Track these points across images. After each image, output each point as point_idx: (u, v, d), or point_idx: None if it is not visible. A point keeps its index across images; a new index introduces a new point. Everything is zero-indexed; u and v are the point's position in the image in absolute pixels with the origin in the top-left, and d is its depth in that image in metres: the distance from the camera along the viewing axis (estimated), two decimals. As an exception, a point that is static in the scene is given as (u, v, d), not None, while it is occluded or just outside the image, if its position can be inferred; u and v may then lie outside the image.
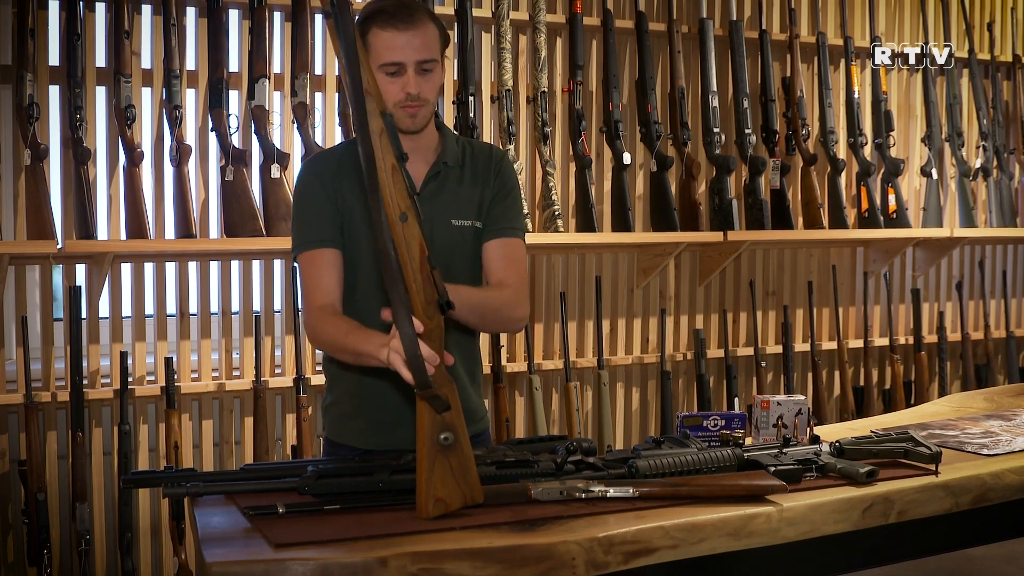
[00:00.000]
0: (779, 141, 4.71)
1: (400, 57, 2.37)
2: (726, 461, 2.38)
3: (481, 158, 2.58)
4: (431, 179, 2.51)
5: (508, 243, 2.55)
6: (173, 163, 3.65)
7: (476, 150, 2.61)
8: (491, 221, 2.55)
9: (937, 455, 2.47)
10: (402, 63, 2.37)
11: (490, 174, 2.57)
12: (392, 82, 2.38)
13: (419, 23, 2.38)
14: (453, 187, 2.53)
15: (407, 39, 2.36)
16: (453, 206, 2.52)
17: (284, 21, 3.89)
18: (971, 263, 5.57)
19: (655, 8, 4.59)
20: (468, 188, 2.54)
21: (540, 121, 4.19)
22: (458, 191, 2.53)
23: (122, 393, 3.57)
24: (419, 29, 2.38)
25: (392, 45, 2.36)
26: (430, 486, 2.08)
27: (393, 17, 2.36)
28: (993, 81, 5.35)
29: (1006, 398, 3.50)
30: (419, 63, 2.38)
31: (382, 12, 2.38)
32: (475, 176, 2.56)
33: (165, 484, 2.16)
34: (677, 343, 4.76)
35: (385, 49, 2.37)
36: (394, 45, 2.36)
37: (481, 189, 2.55)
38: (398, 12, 2.37)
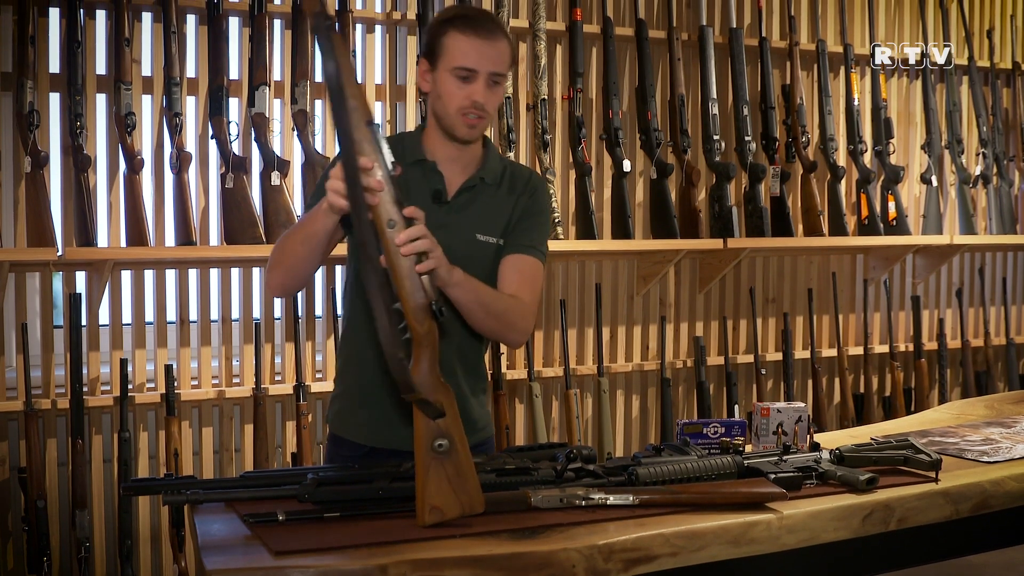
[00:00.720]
0: (779, 148, 4.71)
1: (475, 64, 2.38)
2: (726, 468, 2.37)
3: (519, 180, 2.58)
4: (465, 190, 2.51)
5: (525, 260, 2.53)
6: (173, 170, 3.65)
7: (516, 172, 2.60)
8: (513, 237, 2.54)
9: (937, 462, 2.46)
10: (475, 70, 2.38)
11: (524, 195, 2.56)
12: (460, 87, 2.39)
13: (498, 36, 2.41)
14: (485, 202, 2.52)
15: (485, 48, 2.39)
16: (480, 221, 2.51)
17: (284, 29, 3.89)
18: (971, 270, 5.57)
19: (655, 15, 4.60)
20: (500, 206, 2.53)
21: (540, 128, 4.19)
22: (489, 207, 2.52)
23: (122, 400, 3.57)
24: (497, 42, 2.40)
25: (469, 50, 2.38)
26: (425, 494, 2.07)
27: (475, 23, 2.39)
28: (993, 88, 5.35)
29: (1006, 405, 3.50)
30: (491, 74, 2.40)
31: (464, 17, 2.41)
32: (509, 196, 2.55)
33: (165, 491, 2.15)
34: (677, 350, 4.76)
35: (461, 53, 2.38)
36: (471, 51, 2.38)
37: (512, 207, 2.55)
38: (480, 19, 2.41)
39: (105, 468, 3.70)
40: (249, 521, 2.06)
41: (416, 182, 2.47)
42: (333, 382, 2.71)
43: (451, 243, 2.38)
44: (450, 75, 2.39)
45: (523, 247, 2.53)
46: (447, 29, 2.40)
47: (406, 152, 2.49)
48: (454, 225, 2.47)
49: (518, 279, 2.51)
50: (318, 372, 4.04)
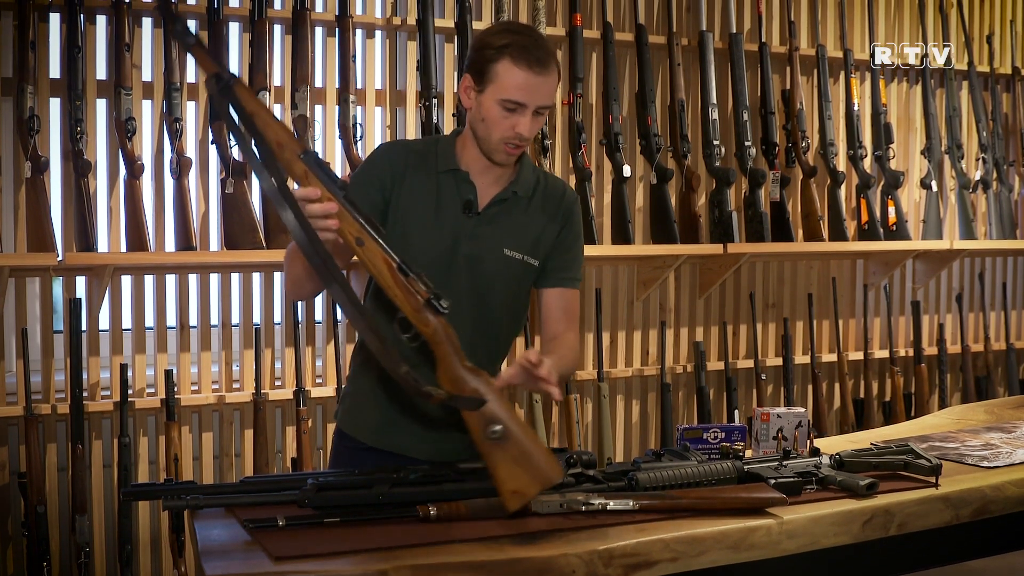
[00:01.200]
0: (779, 153, 4.71)
1: (526, 99, 2.33)
2: (726, 474, 2.37)
3: (554, 195, 2.55)
4: (496, 203, 2.47)
5: (568, 295, 2.57)
6: (173, 175, 3.65)
7: (550, 185, 2.57)
8: (554, 268, 2.54)
9: (937, 467, 2.47)
10: (525, 105, 2.34)
11: (559, 215, 2.53)
12: (507, 117, 2.35)
13: (551, 69, 2.37)
14: (516, 217, 2.49)
15: (539, 83, 2.34)
16: (510, 235, 2.48)
17: (284, 34, 3.89)
18: (971, 275, 5.57)
19: (655, 21, 4.60)
20: (532, 221, 2.51)
21: (540, 134, 4.19)
22: (519, 222, 2.50)
23: (122, 405, 3.57)
24: (550, 74, 2.36)
25: (522, 85, 2.33)
26: (500, 482, 2.09)
27: (530, 55, 2.33)
28: (992, 93, 5.35)
29: (1006, 410, 3.50)
30: (539, 107, 2.36)
31: (521, 47, 2.34)
32: (543, 211, 2.52)
33: (165, 497, 2.15)
34: (677, 355, 4.76)
35: (514, 87, 2.33)
36: (524, 85, 2.33)
37: (545, 225, 2.52)
38: (535, 51, 2.34)
39: (105, 473, 3.70)
40: (249, 526, 2.06)
41: (448, 190, 2.46)
42: (346, 379, 2.72)
43: (479, 254, 2.44)
44: (497, 104, 2.35)
45: (568, 280, 2.56)
46: (502, 56, 2.33)
47: (439, 160, 2.48)
48: (483, 237, 2.46)
49: (566, 318, 2.56)
50: (318, 377, 4.03)
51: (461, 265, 2.43)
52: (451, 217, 2.45)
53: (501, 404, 2.12)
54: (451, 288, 2.39)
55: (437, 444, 2.52)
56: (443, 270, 2.41)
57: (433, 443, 2.52)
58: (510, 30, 2.40)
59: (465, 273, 2.44)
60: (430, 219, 2.44)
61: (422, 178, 2.46)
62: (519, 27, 2.48)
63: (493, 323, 2.53)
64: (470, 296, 2.45)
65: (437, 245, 2.42)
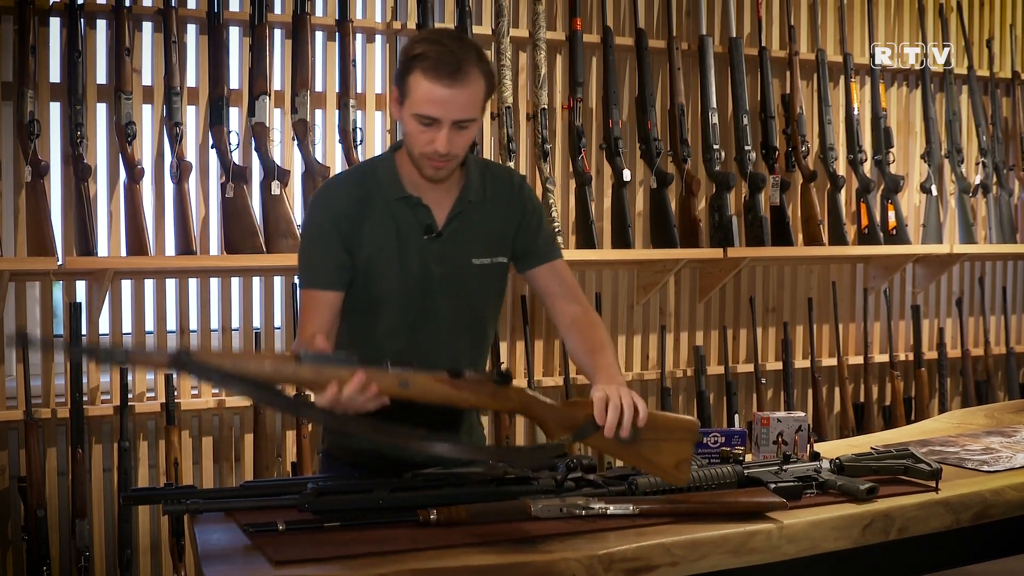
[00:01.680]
0: (779, 158, 4.71)
1: (438, 113, 2.23)
2: (726, 478, 2.37)
3: (503, 187, 2.51)
4: (453, 219, 2.43)
5: (556, 267, 2.55)
6: (173, 180, 3.65)
7: (496, 177, 2.52)
8: (530, 251, 2.54)
9: (937, 472, 2.47)
10: (438, 119, 2.24)
11: (514, 207, 2.51)
12: (423, 132, 2.27)
13: (467, 78, 2.23)
14: (476, 224, 2.46)
15: (450, 96, 2.22)
16: (475, 245, 2.46)
17: (284, 38, 3.90)
18: (971, 279, 5.57)
19: (655, 25, 4.61)
20: (491, 221, 2.48)
21: (540, 138, 4.20)
22: (481, 228, 2.47)
23: (122, 410, 3.57)
24: (465, 86, 2.23)
25: (432, 98, 2.22)
26: (661, 468, 2.18)
27: (441, 67, 2.21)
28: (992, 98, 5.36)
29: (1006, 414, 3.50)
30: (456, 121, 2.25)
31: (428, 58, 2.22)
32: (498, 208, 2.49)
33: (165, 501, 2.16)
34: (677, 360, 4.76)
35: (425, 101, 2.22)
36: (435, 99, 2.22)
37: (503, 221, 2.49)
38: (446, 63, 2.21)
39: (105, 477, 3.69)
40: (249, 531, 2.06)
41: (405, 218, 2.41)
42: None
43: (451, 272, 2.42)
44: (413, 118, 2.26)
45: (548, 254, 2.55)
46: (413, 68, 2.23)
47: (384, 189, 2.41)
48: (450, 255, 2.43)
49: (563, 288, 2.55)
50: (318, 381, 4.03)
51: (437, 286, 2.42)
52: (415, 244, 2.41)
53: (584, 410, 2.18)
54: (434, 308, 2.43)
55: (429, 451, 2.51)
56: (420, 295, 2.41)
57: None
58: (426, 39, 2.29)
59: (442, 292, 2.42)
60: (396, 251, 2.40)
61: (375, 207, 2.40)
62: (437, 35, 2.37)
63: (479, 324, 2.53)
64: (453, 310, 2.45)
65: (409, 274, 2.40)
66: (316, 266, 2.42)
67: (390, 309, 2.43)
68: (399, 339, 2.43)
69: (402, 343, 2.42)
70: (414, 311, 2.43)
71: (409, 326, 2.44)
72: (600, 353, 2.40)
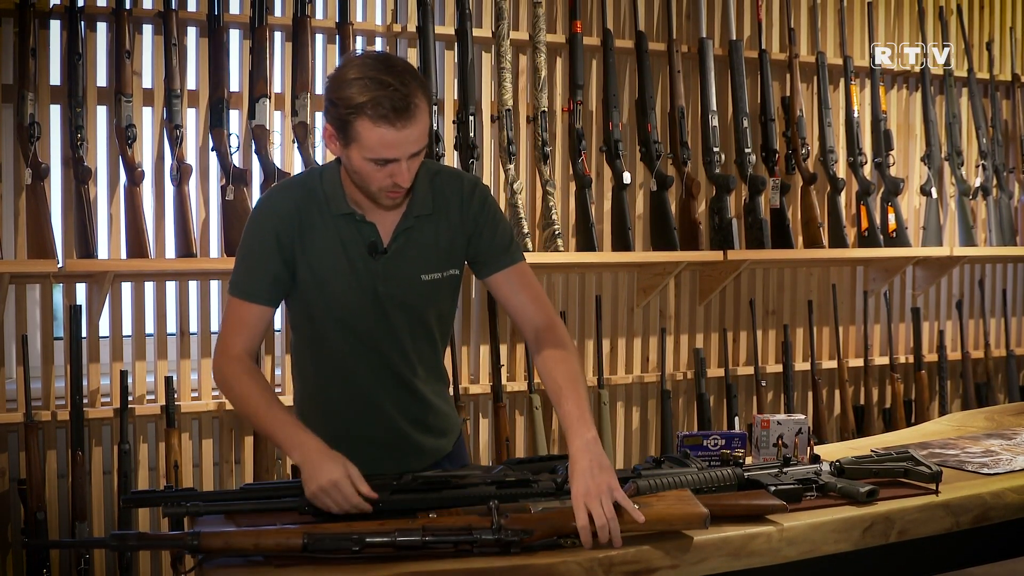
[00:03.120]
0: (779, 160, 4.71)
1: (396, 155, 2.19)
2: (726, 480, 2.37)
3: (452, 197, 2.44)
4: (399, 235, 2.38)
5: (517, 271, 2.47)
6: (174, 182, 3.65)
7: (447, 183, 2.45)
8: (487, 257, 2.46)
9: (937, 474, 2.47)
10: (397, 159, 2.21)
11: (465, 217, 2.44)
12: (379, 170, 2.22)
13: (416, 112, 2.18)
14: (423, 239, 2.41)
15: (404, 136, 2.18)
16: (423, 261, 2.41)
17: (285, 41, 3.90)
18: (971, 282, 5.57)
19: (655, 28, 4.61)
20: (440, 234, 2.42)
21: (540, 141, 4.20)
22: (428, 243, 2.41)
23: (122, 412, 3.57)
24: (416, 122, 2.19)
25: (388, 143, 2.17)
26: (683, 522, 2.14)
27: (390, 113, 2.15)
28: (992, 100, 5.36)
29: (1006, 417, 3.50)
30: (411, 155, 2.22)
31: (377, 105, 2.15)
32: (447, 219, 2.43)
33: (165, 503, 2.16)
34: (677, 362, 4.76)
35: (380, 146, 2.18)
36: (390, 143, 2.18)
37: (454, 232, 2.43)
38: (394, 107, 2.15)
39: (105, 480, 3.69)
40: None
41: (349, 234, 2.37)
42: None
43: (398, 291, 2.39)
44: (367, 161, 2.21)
45: (505, 262, 2.47)
46: (360, 116, 2.16)
47: (329, 202, 2.37)
48: (396, 274, 2.39)
49: (526, 290, 2.47)
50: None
51: (385, 305, 2.39)
52: (360, 261, 2.38)
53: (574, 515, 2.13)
54: (385, 325, 2.41)
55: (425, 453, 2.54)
56: (369, 311, 2.40)
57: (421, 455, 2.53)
58: (363, 81, 2.17)
59: (392, 309, 2.40)
60: (343, 265, 2.37)
61: (320, 220, 2.37)
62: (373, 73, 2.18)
63: (429, 335, 2.49)
64: (404, 325, 2.43)
65: (356, 290, 2.36)
66: (252, 278, 2.38)
67: (344, 320, 2.41)
68: (358, 346, 2.43)
69: (362, 349, 2.43)
70: (369, 321, 2.40)
71: (366, 333, 2.42)
72: (568, 396, 2.32)
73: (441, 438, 2.58)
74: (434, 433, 2.56)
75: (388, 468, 2.35)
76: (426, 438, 2.53)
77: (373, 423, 2.47)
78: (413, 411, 2.50)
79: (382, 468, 2.33)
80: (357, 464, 2.22)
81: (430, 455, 2.55)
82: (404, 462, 2.44)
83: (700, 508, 2.13)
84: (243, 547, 1.94)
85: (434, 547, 1.99)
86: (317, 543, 1.95)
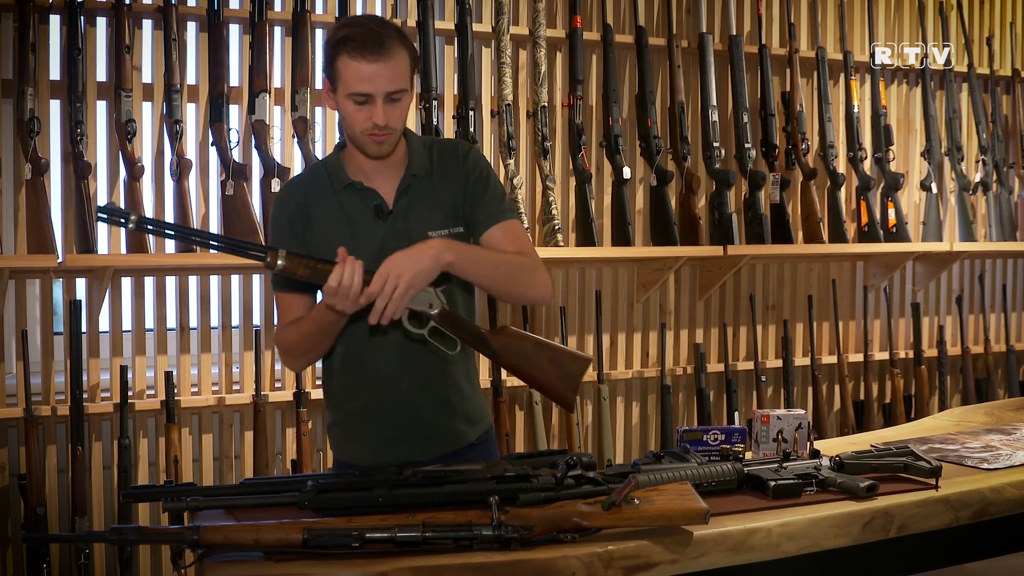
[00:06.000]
0: (779, 155, 4.71)
1: (369, 89, 2.34)
2: (726, 476, 2.37)
3: (449, 159, 2.56)
4: (401, 195, 2.49)
5: (505, 226, 2.54)
6: (174, 177, 3.65)
7: (443, 150, 2.57)
8: (479, 215, 2.53)
9: (937, 469, 2.47)
10: (371, 94, 2.35)
11: (460, 173, 2.54)
12: (360, 110, 2.37)
13: (389, 53, 2.34)
14: (426, 197, 2.51)
15: (377, 70, 2.33)
16: (429, 217, 2.50)
17: (284, 36, 3.90)
18: (971, 277, 5.58)
19: (655, 23, 4.60)
20: (441, 193, 2.52)
21: (540, 135, 4.20)
22: (431, 200, 2.51)
23: (122, 407, 3.57)
24: (389, 59, 2.34)
25: (361, 76, 2.33)
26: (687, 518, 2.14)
27: (362, 47, 2.33)
28: (992, 95, 5.35)
29: (1006, 412, 3.50)
30: (388, 94, 2.36)
31: (351, 40, 2.34)
32: (446, 180, 2.53)
33: (165, 498, 2.16)
34: (677, 357, 4.76)
35: (354, 79, 2.34)
36: (363, 76, 2.33)
37: (454, 190, 2.53)
38: (368, 41, 2.33)
39: (105, 475, 3.70)
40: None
41: (352, 204, 2.49)
42: (326, 411, 2.71)
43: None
44: (348, 100, 2.37)
45: (495, 216, 2.54)
46: (339, 53, 2.36)
47: (332, 180, 2.50)
48: (405, 232, 2.46)
49: (511, 242, 2.52)
50: (318, 379, 4.03)
51: None
52: (368, 227, 2.48)
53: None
54: None
55: (437, 449, 2.55)
56: None
57: (433, 449, 2.54)
58: (345, 24, 2.42)
59: None
60: (349, 236, 2.45)
61: (324, 199, 2.50)
62: (355, 19, 2.52)
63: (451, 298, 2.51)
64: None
65: (367, 257, 2.37)
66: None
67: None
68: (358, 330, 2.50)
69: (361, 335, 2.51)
70: None
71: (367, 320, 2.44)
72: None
73: (465, 424, 2.60)
74: (457, 416, 2.58)
75: (407, 450, 2.48)
76: (447, 420, 2.57)
77: (394, 400, 2.53)
78: (434, 387, 2.55)
79: (400, 449, 2.48)
80: (377, 442, 2.51)
81: (451, 439, 2.57)
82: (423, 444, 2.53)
83: (700, 503, 2.12)
84: (243, 542, 1.95)
85: (434, 543, 1.99)
86: (317, 539, 1.95)
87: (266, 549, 1.95)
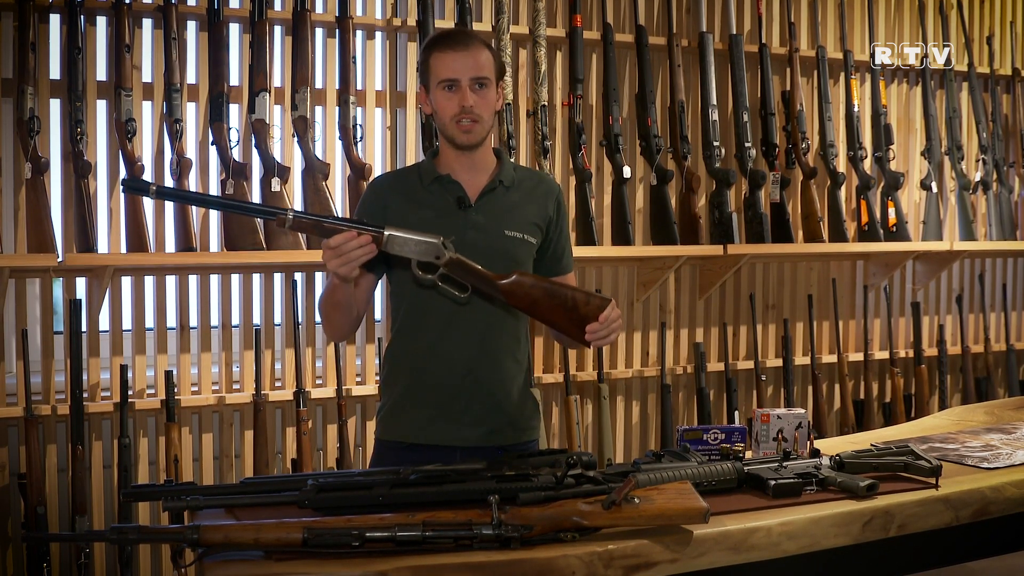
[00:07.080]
0: (779, 155, 4.71)
1: (454, 74, 2.59)
2: (726, 475, 2.37)
3: (538, 184, 2.78)
4: (487, 192, 2.69)
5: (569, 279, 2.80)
6: (174, 176, 3.65)
7: (532, 175, 2.83)
8: (553, 256, 2.76)
9: (937, 469, 2.47)
10: (456, 79, 2.59)
11: (549, 201, 2.76)
12: (449, 97, 2.60)
13: (473, 47, 2.62)
14: (508, 203, 2.70)
15: (462, 58, 2.60)
16: (507, 218, 2.68)
17: (284, 35, 3.90)
18: (971, 276, 5.58)
19: (655, 22, 4.60)
20: (523, 204, 2.71)
21: (540, 135, 4.20)
22: (512, 207, 2.70)
23: (122, 406, 3.57)
24: (473, 51, 2.61)
25: (448, 64, 2.60)
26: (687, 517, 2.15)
27: (450, 40, 2.64)
28: (992, 94, 5.36)
29: (1006, 411, 3.50)
30: (473, 79, 2.60)
31: (440, 38, 2.66)
32: (531, 196, 2.74)
33: (165, 498, 2.16)
34: (677, 356, 4.76)
35: (442, 67, 2.60)
36: (450, 63, 2.60)
37: (538, 208, 2.73)
38: (455, 36, 2.67)
39: (105, 474, 3.70)
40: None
41: (438, 196, 2.68)
42: (379, 392, 2.81)
43: (482, 240, 2.61)
44: (438, 90, 2.62)
45: (564, 267, 2.79)
46: (431, 52, 2.64)
47: (423, 175, 2.71)
48: (482, 225, 2.65)
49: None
50: (318, 378, 4.03)
51: (470, 251, 2.52)
52: (449, 214, 2.65)
53: None
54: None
55: (482, 429, 2.66)
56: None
57: (478, 428, 2.65)
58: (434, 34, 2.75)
59: (475, 257, 2.52)
60: (429, 215, 2.64)
61: (410, 190, 2.70)
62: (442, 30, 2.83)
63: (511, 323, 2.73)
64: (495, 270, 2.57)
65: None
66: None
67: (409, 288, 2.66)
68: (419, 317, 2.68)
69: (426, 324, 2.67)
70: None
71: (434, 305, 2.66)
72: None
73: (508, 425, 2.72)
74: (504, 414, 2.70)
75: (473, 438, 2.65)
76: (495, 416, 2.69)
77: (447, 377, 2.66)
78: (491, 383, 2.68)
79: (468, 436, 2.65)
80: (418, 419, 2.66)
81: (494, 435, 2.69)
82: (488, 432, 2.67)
83: (700, 502, 2.12)
84: (243, 541, 1.95)
85: (434, 542, 2.00)
86: (317, 538, 1.96)
87: (266, 548, 1.95)
